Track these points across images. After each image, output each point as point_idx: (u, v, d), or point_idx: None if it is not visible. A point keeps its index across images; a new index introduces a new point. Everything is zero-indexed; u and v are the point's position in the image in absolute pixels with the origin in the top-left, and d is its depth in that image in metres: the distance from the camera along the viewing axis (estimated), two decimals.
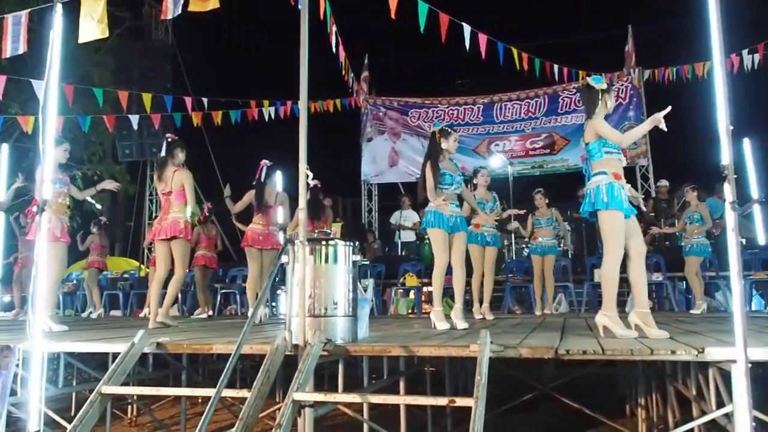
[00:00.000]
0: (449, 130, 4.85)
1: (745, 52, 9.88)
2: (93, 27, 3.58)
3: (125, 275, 11.30)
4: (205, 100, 11.52)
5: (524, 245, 11.71)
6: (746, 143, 11.13)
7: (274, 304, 8.41)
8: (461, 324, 4.61)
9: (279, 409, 4.60)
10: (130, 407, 5.77)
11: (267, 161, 6.62)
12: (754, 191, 8.09)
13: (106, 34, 3.66)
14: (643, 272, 3.64)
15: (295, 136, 3.22)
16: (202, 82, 13.11)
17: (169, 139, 5.49)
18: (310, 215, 7.24)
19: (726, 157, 2.48)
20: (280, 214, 6.70)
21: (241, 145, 14.34)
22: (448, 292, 8.67)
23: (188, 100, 11.40)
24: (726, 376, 2.60)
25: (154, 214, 14.05)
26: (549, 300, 7.45)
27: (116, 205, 16.17)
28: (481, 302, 6.41)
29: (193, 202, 5.31)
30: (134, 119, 11.39)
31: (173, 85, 12.95)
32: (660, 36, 12.98)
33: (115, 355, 3.34)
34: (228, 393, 2.87)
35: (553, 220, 7.40)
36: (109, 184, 5.73)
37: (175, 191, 5.30)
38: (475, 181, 6.16)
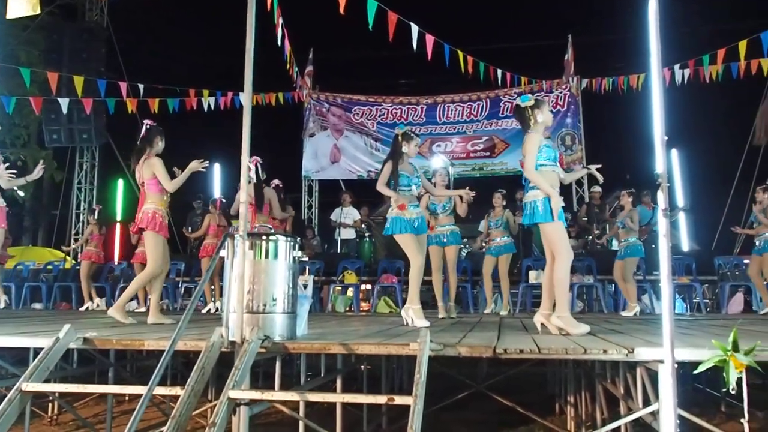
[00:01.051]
0: (411, 134, 5.00)
1: (676, 66, 10.34)
2: (23, 2, 3.36)
3: (49, 267, 10.76)
4: (141, 86, 11.09)
5: (462, 245, 11.90)
6: (674, 154, 11.66)
7: (213, 299, 8.18)
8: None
9: (210, 407, 4.50)
10: (50, 405, 5.48)
11: (258, 158, 6.57)
12: (680, 200, 8.50)
13: (38, 11, 3.44)
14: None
15: (235, 128, 3.12)
16: (139, 68, 12.58)
17: (148, 126, 5.07)
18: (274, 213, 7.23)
19: (660, 166, 2.56)
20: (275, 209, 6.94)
21: (178, 135, 13.89)
22: (386, 291, 8.78)
23: (123, 86, 10.98)
24: (653, 376, 2.70)
25: (82, 204, 13.47)
26: (505, 300, 7.53)
27: (41, 193, 15.38)
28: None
29: (170, 186, 4.97)
30: (63, 103, 10.89)
31: (107, 69, 12.41)
32: (598, 47, 13.42)
33: (37, 351, 3.16)
34: (160, 391, 2.76)
35: (503, 220, 7.53)
36: (37, 173, 5.40)
37: (147, 181, 5.04)
38: (433, 181, 6.34)
